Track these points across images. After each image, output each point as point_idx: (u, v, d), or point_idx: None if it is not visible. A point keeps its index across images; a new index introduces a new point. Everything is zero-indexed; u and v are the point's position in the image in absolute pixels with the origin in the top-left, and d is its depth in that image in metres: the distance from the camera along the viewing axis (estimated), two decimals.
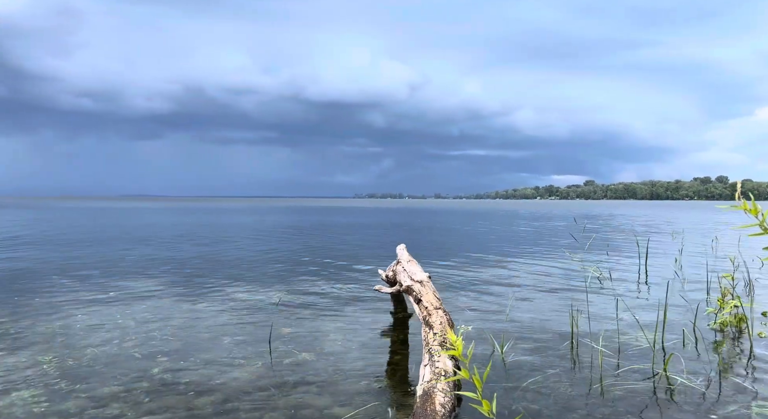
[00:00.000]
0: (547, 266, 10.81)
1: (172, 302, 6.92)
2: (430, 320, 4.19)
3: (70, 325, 5.65)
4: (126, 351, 4.75)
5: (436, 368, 3.39)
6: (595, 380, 4.02)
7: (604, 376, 4.08)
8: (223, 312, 6.36)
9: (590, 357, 4.60)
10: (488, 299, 7.23)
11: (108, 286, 8.13)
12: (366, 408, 3.49)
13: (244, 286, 8.25)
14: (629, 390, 3.81)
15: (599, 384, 3.93)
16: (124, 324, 5.70)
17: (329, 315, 6.25)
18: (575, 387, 3.88)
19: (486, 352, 4.71)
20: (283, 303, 6.83)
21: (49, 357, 4.53)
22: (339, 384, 3.93)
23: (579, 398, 3.68)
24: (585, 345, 4.89)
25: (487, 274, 9.60)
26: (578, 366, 4.36)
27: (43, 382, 3.94)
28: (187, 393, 3.73)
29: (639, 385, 3.92)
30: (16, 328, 5.51)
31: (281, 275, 9.52)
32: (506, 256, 12.66)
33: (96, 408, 3.48)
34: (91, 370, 4.21)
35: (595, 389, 3.84)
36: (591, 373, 4.18)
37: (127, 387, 3.84)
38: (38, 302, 6.84)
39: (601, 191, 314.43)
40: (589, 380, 4.04)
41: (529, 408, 3.51)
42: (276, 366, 4.35)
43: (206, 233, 20.45)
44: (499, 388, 3.85)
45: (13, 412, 3.41)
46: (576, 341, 4.94)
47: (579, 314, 5.45)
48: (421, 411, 3.00)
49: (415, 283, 4.93)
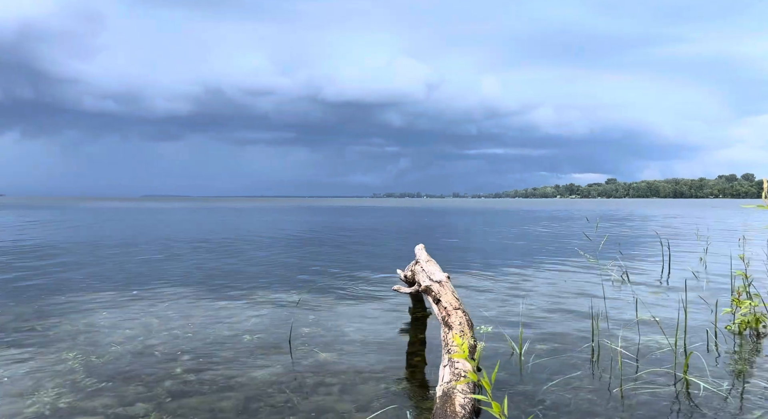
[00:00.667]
0: (566, 266, 10.72)
1: (193, 301, 7.02)
2: (449, 320, 4.20)
3: (94, 323, 5.77)
4: (149, 349, 4.83)
5: (456, 369, 3.39)
6: (615, 383, 3.99)
7: (623, 380, 4.04)
8: (244, 311, 6.44)
9: (610, 359, 4.56)
10: (507, 300, 7.20)
11: (130, 285, 8.28)
12: (386, 410, 3.51)
13: (264, 285, 8.33)
14: (650, 394, 3.78)
15: (619, 387, 3.90)
16: (146, 323, 5.81)
17: (348, 314, 6.29)
18: (594, 391, 3.85)
19: (505, 354, 4.70)
20: (303, 302, 6.89)
21: (73, 355, 4.63)
22: (358, 385, 3.96)
23: (598, 402, 3.65)
24: (604, 347, 4.85)
25: (507, 274, 9.56)
26: (598, 369, 4.33)
27: (69, 379, 4.04)
28: (210, 394, 3.79)
29: (659, 389, 3.88)
30: (42, 326, 5.64)
31: (300, 274, 9.59)
32: (525, 256, 12.58)
33: (121, 406, 3.55)
34: (115, 368, 4.30)
35: (614, 393, 3.82)
36: (611, 376, 4.15)
37: (151, 386, 3.91)
38: (63, 301, 6.99)
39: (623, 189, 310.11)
40: (608, 383, 4.01)
41: (547, 411, 3.49)
42: (296, 366, 4.40)
43: (226, 233, 20.67)
44: (517, 392, 3.84)
45: (40, 409, 3.49)
46: (597, 343, 4.90)
47: (599, 315, 5.40)
48: (441, 412, 3.01)
49: (433, 283, 4.94)
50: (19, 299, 7.10)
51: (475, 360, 3.33)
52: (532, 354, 4.67)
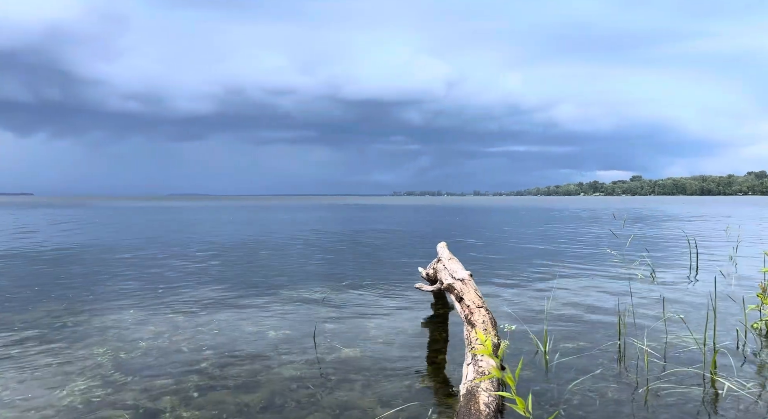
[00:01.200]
0: (591, 264, 10.59)
1: (218, 298, 7.11)
2: (472, 318, 4.18)
3: (122, 320, 5.88)
4: (175, 344, 4.92)
5: (480, 367, 3.38)
6: (641, 383, 3.93)
7: (650, 379, 3.98)
8: (268, 308, 6.50)
9: (636, 358, 4.50)
10: (531, 298, 7.14)
11: (156, 282, 8.42)
12: (409, 406, 3.52)
13: (287, 282, 8.40)
14: (676, 394, 3.71)
15: (645, 387, 3.84)
16: (172, 319, 5.90)
17: (371, 312, 6.31)
18: (620, 390, 3.80)
19: (530, 352, 4.67)
20: (326, 300, 6.93)
21: (103, 350, 4.74)
22: (381, 382, 3.97)
23: (624, 402, 3.60)
24: (630, 346, 4.78)
25: (530, 272, 9.48)
26: (624, 368, 4.27)
27: (99, 374, 4.13)
28: (235, 388, 3.85)
29: (686, 389, 3.81)
30: (72, 322, 5.78)
31: (323, 271, 9.65)
32: (549, 254, 12.46)
33: (149, 400, 3.62)
34: (143, 363, 4.39)
35: (640, 392, 3.76)
36: (637, 375, 4.09)
37: (178, 381, 3.98)
38: (92, 298, 7.15)
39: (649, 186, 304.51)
40: (634, 382, 3.95)
41: (572, 410, 3.46)
42: (320, 362, 4.43)
43: (250, 231, 20.88)
44: (542, 389, 3.81)
45: (71, 402, 3.58)
46: (623, 341, 4.84)
47: (625, 313, 5.33)
48: (465, 410, 3.01)
49: (456, 281, 4.93)
50: (50, 295, 7.28)
51: (498, 357, 3.31)
52: (557, 352, 4.63)
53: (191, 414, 3.41)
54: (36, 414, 3.41)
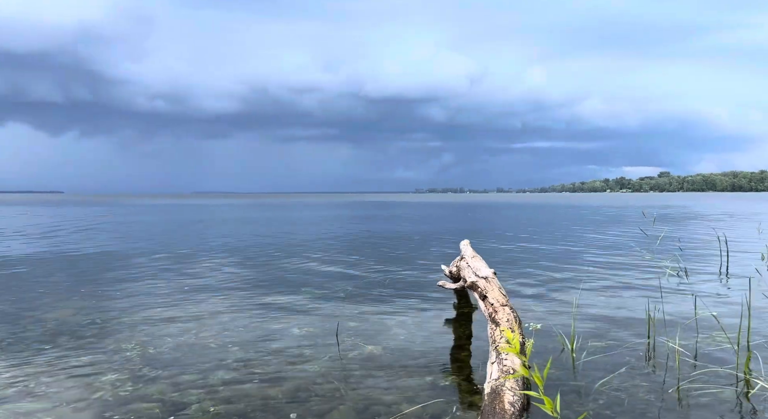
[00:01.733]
0: (618, 261, 10.41)
1: (243, 294, 7.19)
2: (496, 317, 4.15)
3: (151, 315, 5.99)
4: (202, 340, 4.99)
5: (504, 366, 3.35)
6: (671, 383, 3.85)
7: (680, 378, 3.90)
8: (291, 305, 6.55)
9: (666, 357, 4.41)
10: (557, 296, 7.06)
11: (183, 279, 8.55)
12: (433, 403, 3.50)
13: (310, 280, 8.45)
14: (708, 395, 3.63)
15: (675, 387, 3.76)
16: (199, 315, 5.99)
17: (394, 309, 6.31)
18: (649, 390, 3.73)
19: (555, 351, 4.61)
20: (348, 297, 6.95)
21: (131, 345, 4.83)
22: (405, 379, 3.97)
23: (653, 401, 3.53)
24: (660, 345, 4.69)
25: (555, 270, 9.36)
26: (653, 367, 4.19)
27: (128, 368, 4.21)
28: (260, 383, 3.89)
29: (719, 389, 3.72)
30: (102, 318, 5.90)
31: (346, 269, 9.68)
32: (574, 251, 12.29)
33: (176, 393, 3.68)
34: (170, 358, 4.46)
35: (671, 392, 3.68)
36: (666, 375, 4.01)
37: (205, 375, 4.04)
38: (121, 295, 7.29)
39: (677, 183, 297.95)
40: (664, 382, 3.87)
41: (600, 410, 3.41)
42: (343, 358, 4.45)
43: (274, 228, 21.07)
44: (568, 388, 3.76)
45: (102, 395, 3.66)
46: (653, 340, 4.74)
47: (655, 312, 5.22)
48: (489, 409, 2.98)
49: (480, 279, 4.89)
50: (80, 292, 7.45)
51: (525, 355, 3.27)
52: (584, 351, 4.56)
53: (218, 407, 3.46)
54: (68, 406, 3.50)
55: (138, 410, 3.42)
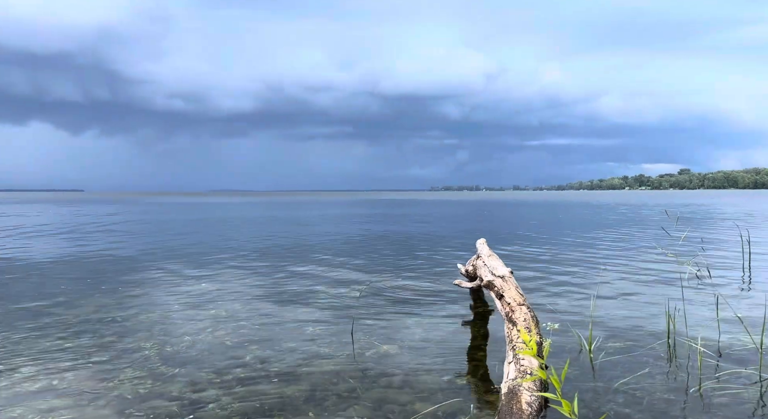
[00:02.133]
0: (638, 260, 10.27)
1: (259, 293, 7.24)
2: (513, 316, 4.11)
3: (168, 314, 6.05)
4: (219, 339, 5.02)
5: (521, 366, 3.32)
6: (693, 383, 3.79)
7: (703, 379, 3.83)
8: (308, 303, 6.57)
9: (687, 358, 4.33)
10: (575, 295, 6.98)
11: (201, 278, 8.63)
12: (449, 403, 3.49)
13: (326, 278, 8.47)
14: (731, 396, 3.56)
15: (697, 387, 3.70)
16: (216, 314, 6.04)
17: (409, 308, 6.29)
18: (670, 391, 3.67)
19: (573, 351, 4.56)
20: (363, 296, 6.95)
21: (150, 344, 4.88)
22: (420, 378, 3.95)
23: (675, 402, 3.48)
24: (681, 345, 4.61)
25: (574, 269, 9.27)
26: (674, 368, 4.12)
27: (146, 366, 4.26)
28: (277, 381, 3.90)
29: (741, 390, 3.64)
30: (121, 316, 5.98)
31: (361, 268, 9.68)
32: (593, 250, 12.16)
33: (194, 392, 3.71)
34: (188, 356, 4.50)
35: (692, 393, 3.62)
36: (688, 376, 3.94)
37: (222, 374, 4.06)
38: (139, 293, 7.38)
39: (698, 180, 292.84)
40: (686, 383, 3.81)
41: (620, 411, 3.36)
42: (359, 357, 4.45)
43: (290, 227, 21.17)
44: (587, 389, 3.72)
45: (121, 393, 3.71)
46: (673, 340, 4.67)
47: (675, 312, 5.14)
48: (506, 409, 2.96)
49: (496, 278, 4.86)
50: (100, 290, 7.55)
51: (542, 357, 3.24)
52: (602, 351, 4.51)
53: (235, 405, 3.48)
54: (88, 403, 3.54)
55: (157, 407, 3.46)
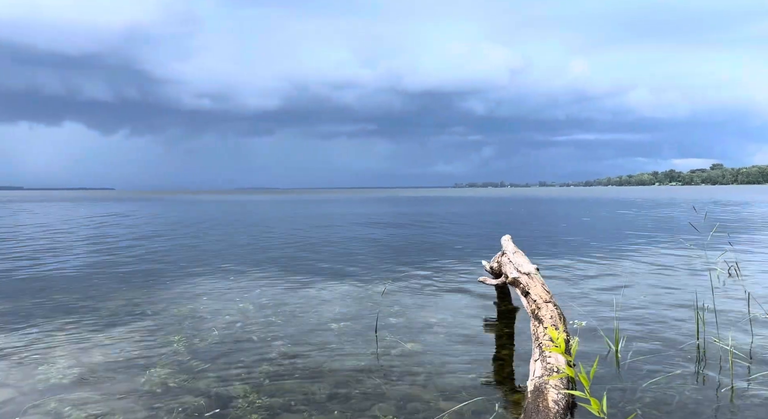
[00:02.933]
0: (666, 258, 10.07)
1: (286, 289, 7.32)
2: (539, 314, 4.08)
3: (197, 309, 6.17)
4: (246, 334, 5.10)
5: (548, 363, 3.30)
6: (724, 383, 3.71)
7: (735, 380, 3.75)
8: (333, 300, 6.62)
9: (717, 358, 4.24)
10: (603, 293, 6.89)
11: (229, 274, 8.76)
12: (474, 401, 3.48)
13: (350, 276, 8.51)
14: (762, 396, 3.47)
15: (729, 389, 3.62)
16: (244, 309, 6.13)
17: (433, 305, 6.29)
18: (700, 391, 3.60)
19: (601, 349, 4.50)
20: (387, 292, 6.97)
21: (179, 338, 4.99)
22: (445, 376, 3.95)
23: (704, 403, 3.41)
24: (711, 346, 4.51)
25: (601, 267, 9.14)
26: (703, 368, 4.04)
27: (176, 361, 4.35)
28: (303, 378, 3.95)
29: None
30: (151, 311, 6.11)
31: (385, 264, 9.71)
32: (620, 247, 11.96)
33: (222, 386, 3.78)
34: (217, 351, 4.58)
35: (723, 394, 3.55)
36: (718, 377, 3.86)
37: (249, 369, 4.13)
38: (169, 288, 7.53)
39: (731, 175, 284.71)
40: (716, 384, 3.73)
41: (647, 410, 3.31)
42: (383, 355, 4.47)
43: (315, 224, 21.31)
44: (614, 389, 3.67)
45: (151, 387, 3.80)
46: (703, 340, 4.57)
47: (705, 311, 5.03)
48: (533, 407, 2.94)
49: (522, 275, 4.82)
50: (131, 285, 7.73)
51: (570, 354, 3.21)
52: (630, 351, 4.44)
53: (262, 401, 3.54)
54: (119, 396, 3.64)
55: (185, 402, 3.53)
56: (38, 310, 6.18)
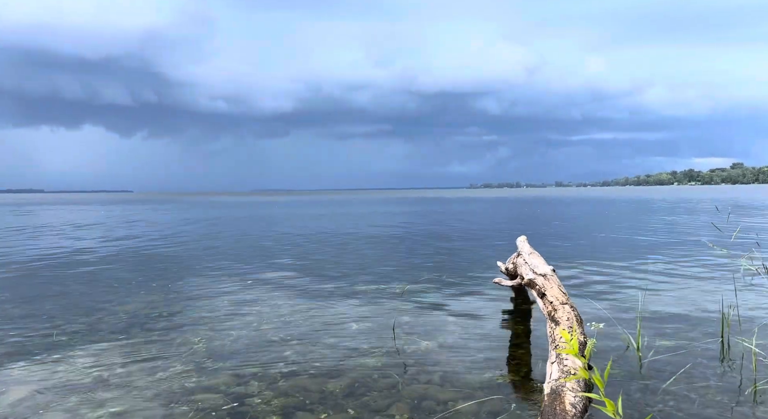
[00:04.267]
0: (688, 258, 9.91)
1: (302, 289, 7.34)
2: (555, 315, 4.04)
3: (215, 309, 6.21)
4: (263, 334, 5.12)
5: (565, 366, 3.25)
6: (747, 384, 3.63)
7: (758, 380, 3.67)
8: (349, 299, 6.62)
9: (741, 357, 4.16)
10: (621, 293, 6.80)
11: (246, 274, 8.81)
12: (490, 401, 3.45)
13: (367, 276, 8.51)
14: None
15: (752, 388, 3.54)
16: (260, 310, 6.16)
17: (449, 306, 6.26)
18: (722, 391, 3.53)
19: (619, 349, 4.44)
20: (405, 293, 6.96)
21: (197, 338, 5.02)
22: (461, 376, 3.93)
23: (727, 403, 3.34)
24: (735, 345, 4.43)
25: (620, 267, 9.02)
26: (726, 368, 3.96)
27: (193, 360, 4.38)
28: (319, 376, 3.95)
29: None
30: (169, 311, 6.17)
31: (402, 265, 9.69)
32: (640, 246, 11.80)
33: (239, 385, 3.80)
34: (233, 351, 4.61)
35: (747, 395, 3.47)
36: (741, 377, 3.78)
37: (265, 368, 4.15)
38: (187, 290, 7.60)
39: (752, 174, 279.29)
40: (739, 384, 3.66)
41: (670, 411, 3.25)
42: (400, 354, 4.45)
43: (330, 225, 21.37)
44: (635, 389, 3.62)
45: (169, 386, 3.83)
46: (726, 340, 4.48)
47: (729, 311, 4.94)
48: (550, 410, 2.91)
49: (537, 276, 4.78)
50: (149, 287, 7.81)
51: (585, 357, 3.16)
52: (651, 351, 4.37)
53: (278, 400, 3.54)
54: (137, 395, 3.67)
55: (203, 400, 3.55)
56: (58, 311, 6.28)
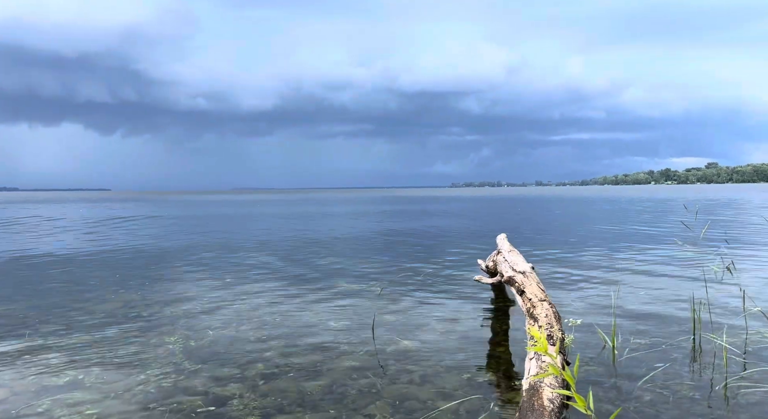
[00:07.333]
0: (660, 256, 10.10)
1: (281, 289, 7.30)
2: (534, 312, 4.08)
3: (192, 310, 6.14)
4: (242, 334, 5.09)
5: (543, 362, 3.29)
6: (718, 380, 3.72)
7: (728, 376, 3.76)
8: (328, 300, 6.61)
9: (712, 354, 4.26)
10: (598, 291, 6.90)
11: (224, 273, 8.74)
12: (469, 399, 3.48)
13: (346, 275, 8.50)
14: (758, 393, 3.48)
15: (723, 385, 3.63)
16: (239, 310, 6.11)
17: (429, 304, 6.29)
18: (695, 387, 3.61)
19: (596, 347, 4.51)
20: (384, 292, 6.96)
21: (174, 338, 4.96)
22: (441, 374, 3.95)
23: (699, 399, 3.42)
24: (706, 342, 4.53)
25: (596, 265, 9.16)
26: (699, 364, 4.05)
27: (171, 361, 4.33)
28: (298, 377, 3.94)
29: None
30: (146, 311, 6.09)
31: (382, 264, 9.70)
32: (615, 245, 11.99)
33: (218, 387, 3.77)
34: (211, 351, 4.56)
35: (718, 390, 3.55)
36: (714, 373, 3.87)
37: (244, 369, 4.12)
38: (164, 289, 7.50)
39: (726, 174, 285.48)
40: (711, 380, 3.74)
41: (643, 407, 3.31)
42: (379, 353, 4.46)
43: (311, 224, 21.29)
44: (610, 386, 3.68)
45: (146, 388, 3.78)
46: (699, 337, 4.58)
47: (700, 307, 5.05)
48: (528, 406, 2.94)
49: (517, 274, 4.82)
50: (127, 287, 7.70)
51: (563, 353, 3.21)
52: (626, 348, 4.45)
53: (257, 401, 3.52)
54: (114, 397, 3.62)
55: (181, 402, 3.52)
56: (33, 312, 6.15)
